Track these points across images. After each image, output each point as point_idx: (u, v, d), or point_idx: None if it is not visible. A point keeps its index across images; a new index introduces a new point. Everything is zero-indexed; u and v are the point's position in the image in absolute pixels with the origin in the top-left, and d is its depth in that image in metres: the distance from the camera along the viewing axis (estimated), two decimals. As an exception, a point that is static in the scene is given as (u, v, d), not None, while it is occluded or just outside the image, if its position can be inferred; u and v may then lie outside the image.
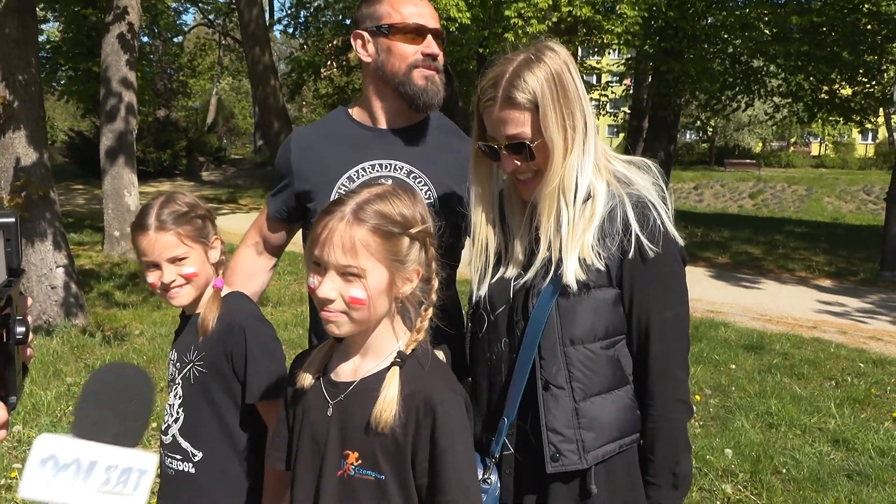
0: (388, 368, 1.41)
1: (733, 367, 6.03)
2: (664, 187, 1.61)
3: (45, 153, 6.16)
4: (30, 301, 1.21)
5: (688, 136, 45.68)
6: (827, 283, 10.65)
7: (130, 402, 0.97)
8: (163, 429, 1.93)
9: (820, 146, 47.80)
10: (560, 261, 1.55)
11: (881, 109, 18.38)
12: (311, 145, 2.05)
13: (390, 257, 1.37)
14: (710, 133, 42.09)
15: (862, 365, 6.18)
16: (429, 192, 1.95)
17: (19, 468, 3.79)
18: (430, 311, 1.46)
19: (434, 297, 1.46)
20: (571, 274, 1.53)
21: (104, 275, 8.95)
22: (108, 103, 10.02)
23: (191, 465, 1.86)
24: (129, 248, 10.19)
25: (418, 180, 1.97)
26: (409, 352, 1.43)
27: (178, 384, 1.90)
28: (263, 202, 2.25)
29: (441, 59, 1.98)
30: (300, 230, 2.17)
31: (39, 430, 4.18)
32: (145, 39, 30.38)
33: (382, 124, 2.01)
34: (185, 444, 1.87)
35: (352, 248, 1.34)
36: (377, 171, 1.97)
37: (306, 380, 1.49)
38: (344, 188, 1.96)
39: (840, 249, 13.65)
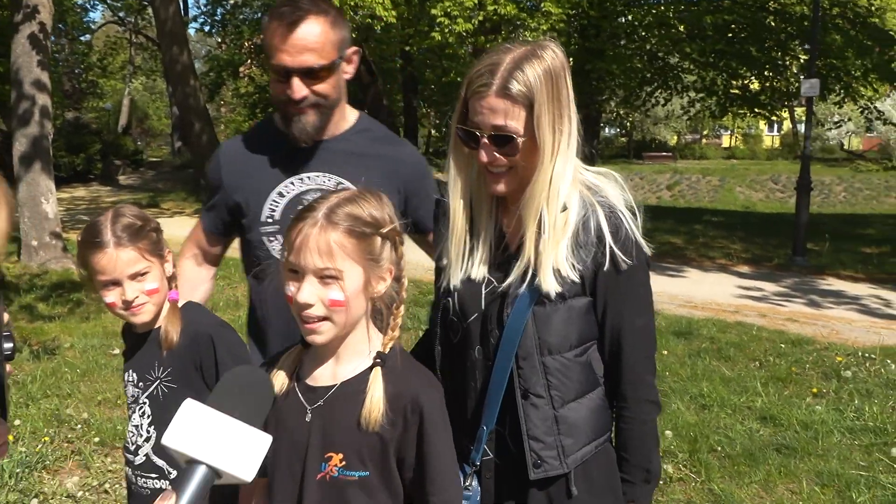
0: (370, 369, 1.44)
1: (665, 352, 6.28)
2: (631, 198, 1.64)
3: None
4: (6, 317, 1.21)
5: (607, 130, 46.85)
6: (745, 269, 11.18)
7: (256, 395, 1.19)
8: (131, 449, 1.88)
9: (730, 138, 49.80)
10: (537, 270, 1.56)
11: (787, 102, 19.36)
12: (240, 158, 2.04)
13: (366, 257, 1.41)
14: (628, 128, 43.32)
15: (783, 346, 6.55)
16: None
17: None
18: (402, 308, 1.50)
19: (405, 294, 1.52)
20: (549, 284, 1.54)
21: (24, 286, 8.55)
22: (21, 107, 9.56)
23: (167, 482, 1.84)
24: (49, 257, 9.78)
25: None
26: (387, 351, 1.47)
27: (145, 403, 1.85)
28: (186, 205, 2.24)
29: (312, 95, 1.88)
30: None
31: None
32: (52, 38, 29.08)
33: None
34: (159, 463, 1.84)
35: (328, 250, 1.37)
36: (305, 184, 1.98)
37: (278, 386, 1.49)
38: (275, 203, 1.98)
39: (755, 237, 14.32)
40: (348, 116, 2.07)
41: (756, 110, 17.21)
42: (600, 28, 14.88)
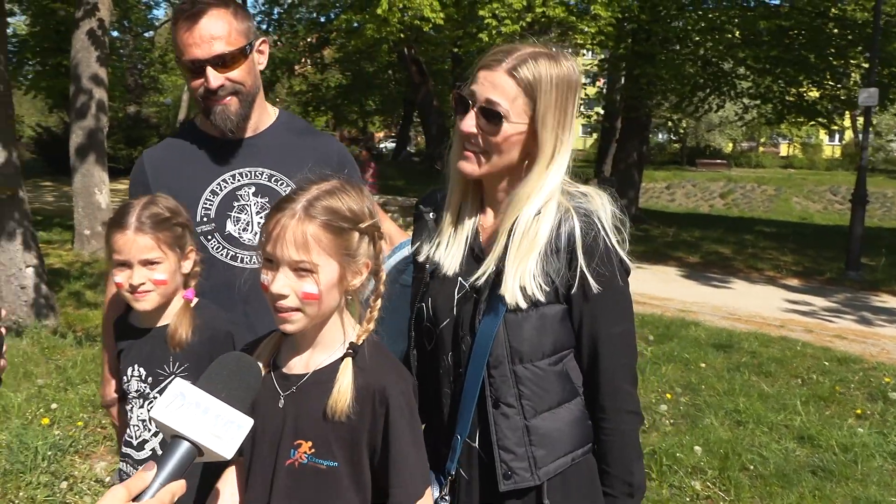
0: (342, 359, 1.45)
1: (703, 365, 6.14)
2: (618, 212, 1.59)
3: (14, 152, 6.07)
4: (3, 311, 1.22)
5: (660, 136, 46.13)
6: (794, 282, 10.87)
7: (244, 380, 1.23)
8: (134, 444, 1.89)
9: (788, 147, 48.54)
10: (504, 281, 1.52)
11: (847, 112, 18.75)
12: (165, 164, 2.04)
13: (341, 252, 1.41)
14: (681, 134, 42.57)
15: (827, 363, 6.33)
16: None
17: (-11, 471, 3.75)
18: (380, 301, 1.50)
19: (382, 288, 1.51)
20: (512, 297, 1.51)
21: (74, 274, 8.82)
22: (79, 100, 9.86)
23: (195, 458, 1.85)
24: (100, 246, 10.05)
25: (280, 182, 1.99)
26: (360, 342, 1.47)
27: (156, 398, 1.84)
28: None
29: (228, 83, 1.90)
30: None
31: (10, 433, 4.13)
32: (115, 34, 29.94)
33: (237, 134, 2.01)
34: (155, 448, 1.86)
35: (304, 243, 1.37)
36: (238, 179, 1.99)
37: None
38: (209, 202, 1.97)
39: (807, 249, 13.92)
40: (269, 112, 2.09)
41: (815, 119, 16.70)
42: (651, 32, 14.63)
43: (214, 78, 1.88)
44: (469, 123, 1.54)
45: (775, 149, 50.33)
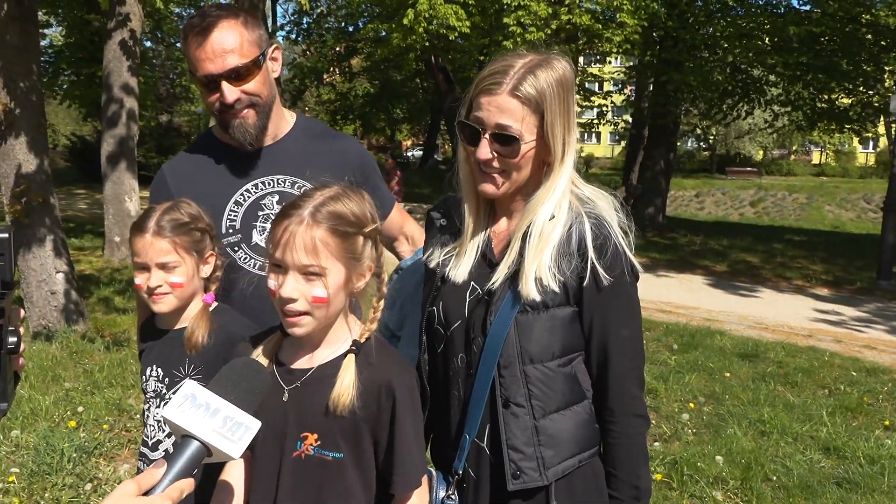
0: (344, 356, 1.50)
1: (728, 375, 6.06)
2: (623, 218, 1.61)
3: (46, 159, 6.21)
4: (22, 312, 1.26)
5: (689, 143, 45.72)
6: (824, 291, 10.69)
7: (252, 384, 1.27)
8: (150, 444, 1.92)
9: (821, 155, 47.80)
10: (519, 276, 1.55)
11: (881, 118, 18.41)
12: (187, 177, 2.03)
13: (347, 255, 1.46)
14: (710, 141, 42.15)
15: (855, 374, 6.22)
16: None
17: (17, 472, 3.84)
18: (383, 301, 1.57)
19: (385, 289, 1.58)
20: (530, 290, 1.53)
21: (104, 280, 8.98)
22: (110, 109, 10.06)
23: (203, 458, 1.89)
24: (129, 253, 10.23)
25: (302, 188, 1.98)
26: (363, 340, 1.52)
27: (170, 398, 1.89)
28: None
29: (244, 96, 1.88)
30: None
31: (37, 436, 4.22)
32: (148, 44, 30.48)
33: (257, 143, 2.01)
34: (168, 446, 1.89)
35: (313, 248, 1.42)
36: (261, 189, 1.99)
37: None
38: (233, 213, 1.98)
39: (838, 258, 13.68)
40: (287, 118, 2.08)
41: (847, 126, 16.42)
42: (679, 39, 14.53)
43: (230, 92, 1.87)
44: (484, 151, 1.55)
45: (807, 156, 49.60)
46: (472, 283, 1.64)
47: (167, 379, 1.91)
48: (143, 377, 1.96)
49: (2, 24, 5.77)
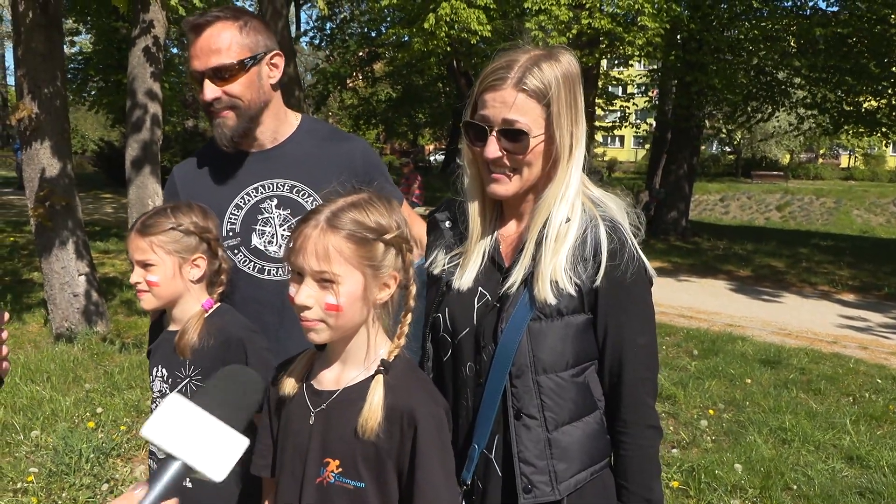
0: (373, 377, 1.43)
1: (749, 381, 5.97)
2: (635, 220, 1.57)
3: (69, 164, 6.31)
4: (6, 316, 1.25)
5: (714, 147, 45.27)
6: (850, 297, 10.50)
7: (243, 396, 1.17)
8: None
9: (849, 158, 47.06)
10: (534, 279, 1.50)
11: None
12: (195, 179, 2.06)
13: (365, 263, 1.40)
14: (736, 144, 41.70)
15: (880, 381, 6.09)
16: (314, 202, 1.96)
17: (36, 472, 3.89)
18: (410, 316, 1.48)
19: (412, 302, 1.48)
20: (545, 293, 1.48)
21: (127, 283, 9.09)
22: (134, 114, 10.17)
23: (188, 479, 1.89)
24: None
25: (302, 193, 1.99)
26: (391, 359, 1.45)
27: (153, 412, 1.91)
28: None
29: (225, 97, 1.90)
30: None
31: (56, 436, 4.27)
32: (175, 51, 30.87)
33: (255, 147, 2.03)
34: None
35: (325, 254, 1.37)
36: (260, 192, 2.00)
37: (289, 387, 1.52)
38: (234, 216, 2.00)
39: (866, 263, 13.44)
40: (291, 120, 2.08)
41: (877, 129, 16.13)
42: (702, 41, 14.39)
43: (209, 90, 1.89)
44: (493, 149, 1.50)
45: (836, 160, 48.87)
46: (480, 288, 1.59)
47: (171, 379, 1.92)
48: (151, 376, 1.98)
49: (27, 31, 5.88)
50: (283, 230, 1.99)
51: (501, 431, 1.54)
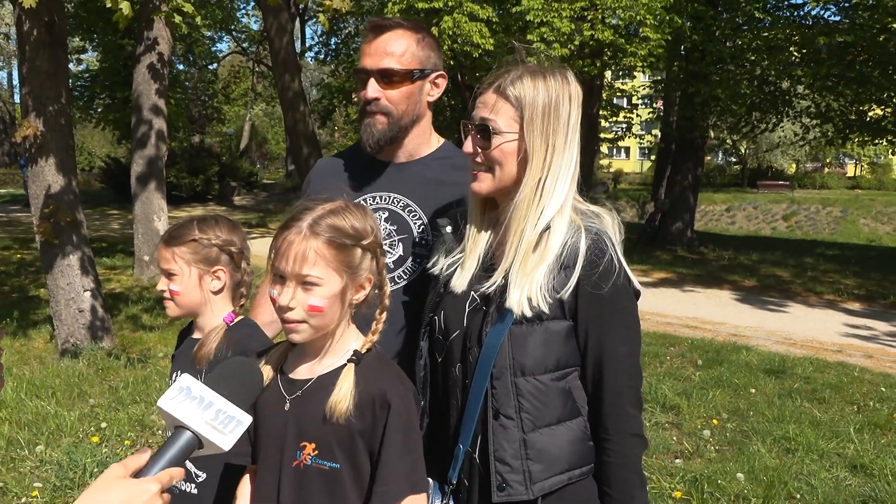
0: (345, 365, 1.54)
1: (753, 391, 5.95)
2: (620, 235, 1.61)
3: (74, 180, 6.36)
4: (2, 333, 1.30)
5: (719, 158, 45.24)
6: (856, 306, 10.46)
7: (246, 381, 1.32)
8: None
9: (856, 167, 46.95)
10: (508, 290, 1.56)
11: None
12: (329, 173, 2.12)
13: (344, 267, 1.50)
14: (741, 154, 41.67)
15: (885, 389, 6.06)
16: (422, 226, 1.97)
17: (40, 486, 3.90)
18: (384, 314, 1.60)
19: (387, 301, 1.61)
20: (517, 306, 1.54)
21: (133, 298, 9.14)
22: (139, 130, 10.30)
23: (193, 485, 1.91)
24: (158, 272, 10.39)
25: (413, 213, 1.99)
26: (364, 351, 1.56)
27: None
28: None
29: (384, 100, 1.94)
30: None
31: (61, 451, 4.30)
32: (181, 67, 31.13)
33: (390, 157, 2.05)
34: (188, 465, 1.91)
35: (307, 259, 1.47)
36: (376, 202, 2.02)
37: (265, 378, 1.57)
38: None
39: (872, 272, 13.39)
40: (431, 141, 2.09)
41: (883, 137, 16.08)
42: (705, 52, 14.42)
43: (372, 89, 1.93)
44: (468, 145, 1.63)
45: (842, 169, 48.74)
46: (472, 292, 1.65)
47: None
48: (170, 379, 2.04)
49: (32, 49, 5.96)
50: (385, 245, 1.99)
51: (482, 431, 1.59)
